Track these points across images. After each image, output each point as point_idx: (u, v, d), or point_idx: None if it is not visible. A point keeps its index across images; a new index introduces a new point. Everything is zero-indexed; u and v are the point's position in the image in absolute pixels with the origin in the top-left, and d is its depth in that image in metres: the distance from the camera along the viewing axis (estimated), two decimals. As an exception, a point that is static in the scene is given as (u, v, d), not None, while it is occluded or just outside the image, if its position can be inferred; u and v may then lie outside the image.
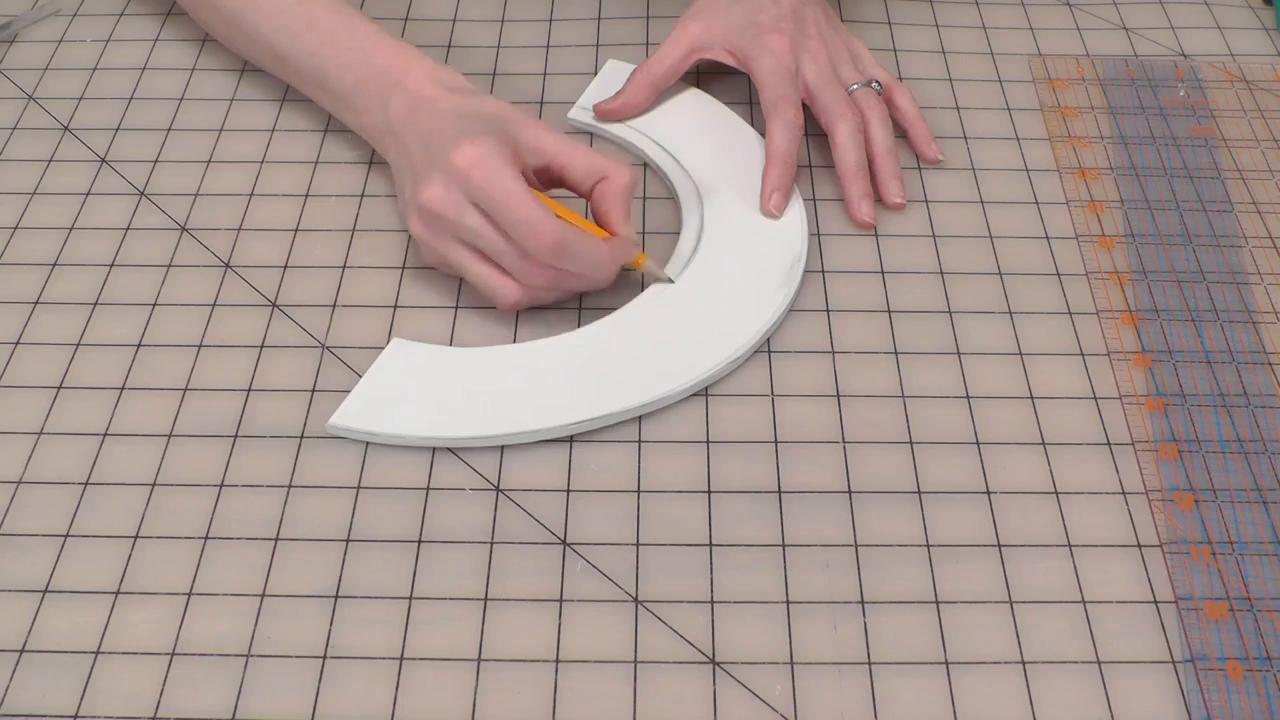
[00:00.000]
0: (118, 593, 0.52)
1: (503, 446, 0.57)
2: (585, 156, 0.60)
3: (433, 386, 0.58)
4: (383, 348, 0.60)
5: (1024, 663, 0.50)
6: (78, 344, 0.61)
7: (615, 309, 0.61)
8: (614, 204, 0.60)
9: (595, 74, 0.75)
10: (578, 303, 0.62)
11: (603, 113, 0.71)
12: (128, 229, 0.66)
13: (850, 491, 0.55)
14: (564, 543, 0.53)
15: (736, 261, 0.63)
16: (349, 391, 0.58)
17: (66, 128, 0.72)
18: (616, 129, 0.71)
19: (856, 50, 0.71)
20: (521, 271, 0.58)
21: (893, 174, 0.67)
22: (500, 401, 0.57)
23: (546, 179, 0.62)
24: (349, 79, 0.65)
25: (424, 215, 0.59)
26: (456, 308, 0.62)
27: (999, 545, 0.53)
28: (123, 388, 0.59)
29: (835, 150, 0.67)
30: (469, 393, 0.58)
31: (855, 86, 0.69)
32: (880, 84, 0.70)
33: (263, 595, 0.52)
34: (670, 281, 0.62)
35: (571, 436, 0.57)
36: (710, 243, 0.64)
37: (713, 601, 0.52)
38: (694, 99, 0.72)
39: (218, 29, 0.72)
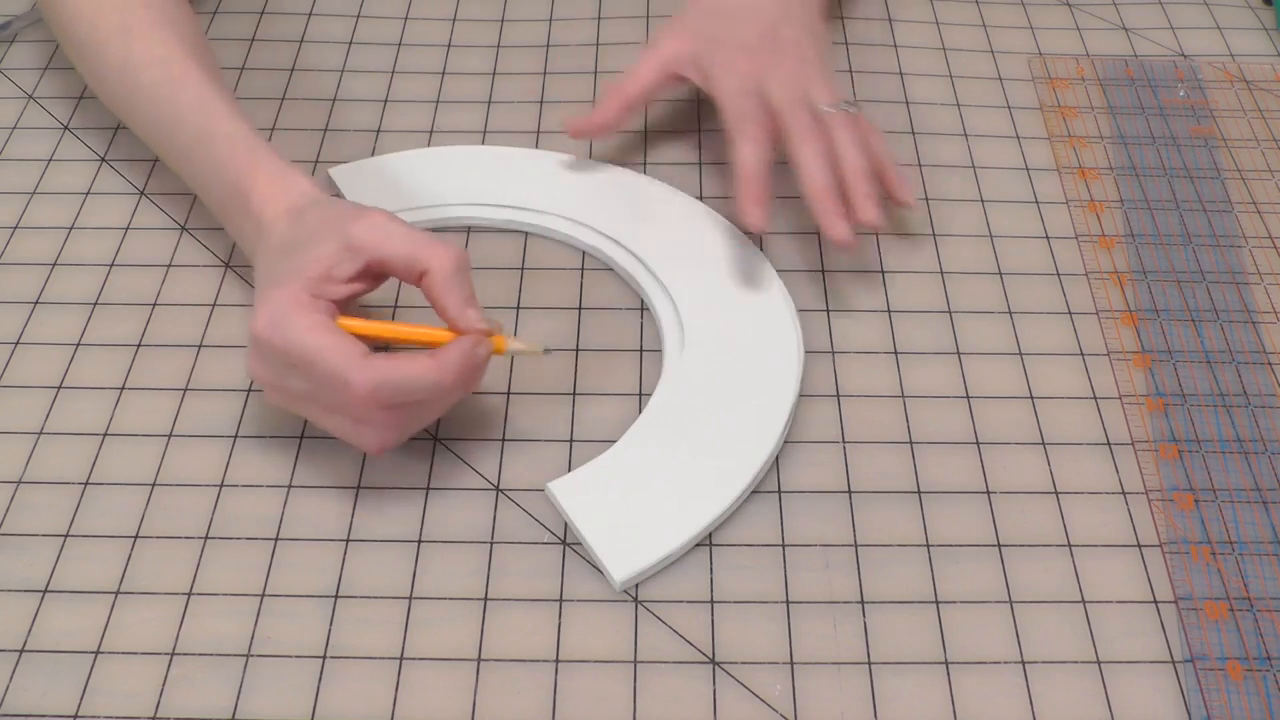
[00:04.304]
0: (118, 593, 0.52)
1: (503, 446, 0.57)
2: (403, 246, 0.53)
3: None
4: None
5: (1024, 663, 0.50)
6: (78, 344, 0.61)
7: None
8: (443, 295, 0.53)
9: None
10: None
11: (575, 130, 0.67)
12: (128, 229, 0.66)
13: (850, 491, 0.55)
14: (564, 542, 0.53)
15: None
16: (349, 391, 0.58)
17: (66, 128, 0.72)
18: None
19: (830, 79, 0.65)
20: (367, 418, 0.51)
21: (865, 194, 0.61)
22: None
23: (376, 274, 0.54)
24: (214, 199, 0.60)
25: (256, 382, 0.54)
26: (456, 308, 0.62)
27: (999, 545, 0.53)
28: (123, 388, 0.59)
29: (798, 173, 0.61)
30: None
31: (828, 108, 0.63)
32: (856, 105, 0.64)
33: (263, 595, 0.52)
34: (543, 353, 0.56)
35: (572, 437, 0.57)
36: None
37: (713, 601, 0.52)
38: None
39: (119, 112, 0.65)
